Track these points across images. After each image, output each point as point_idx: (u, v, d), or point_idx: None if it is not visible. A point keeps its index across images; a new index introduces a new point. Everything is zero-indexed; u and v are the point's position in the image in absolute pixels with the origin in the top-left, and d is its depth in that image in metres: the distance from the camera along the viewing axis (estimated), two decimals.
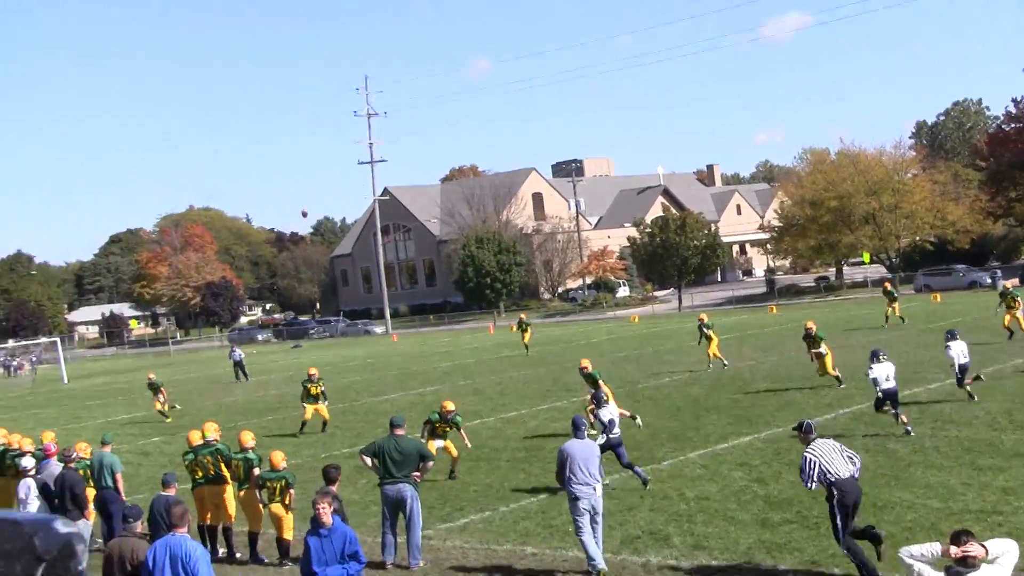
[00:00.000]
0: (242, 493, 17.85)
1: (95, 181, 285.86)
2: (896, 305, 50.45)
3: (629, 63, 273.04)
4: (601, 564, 14.83)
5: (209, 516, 18.43)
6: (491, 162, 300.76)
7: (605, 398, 21.16)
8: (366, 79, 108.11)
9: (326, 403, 32.55)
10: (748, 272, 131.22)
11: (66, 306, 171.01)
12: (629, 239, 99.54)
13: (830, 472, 13.51)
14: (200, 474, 18.34)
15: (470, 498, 20.56)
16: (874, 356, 23.18)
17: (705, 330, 39.77)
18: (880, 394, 23.02)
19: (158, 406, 41.18)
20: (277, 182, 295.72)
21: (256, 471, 17.59)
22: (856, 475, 13.69)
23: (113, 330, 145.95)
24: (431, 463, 17.45)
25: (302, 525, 15.31)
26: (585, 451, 15.35)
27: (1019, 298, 39.15)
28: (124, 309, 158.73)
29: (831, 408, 26.94)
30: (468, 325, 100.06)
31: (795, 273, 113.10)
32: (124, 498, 19.23)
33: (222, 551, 18.15)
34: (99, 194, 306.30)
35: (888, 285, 53.04)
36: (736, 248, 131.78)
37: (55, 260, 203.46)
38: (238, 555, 18.05)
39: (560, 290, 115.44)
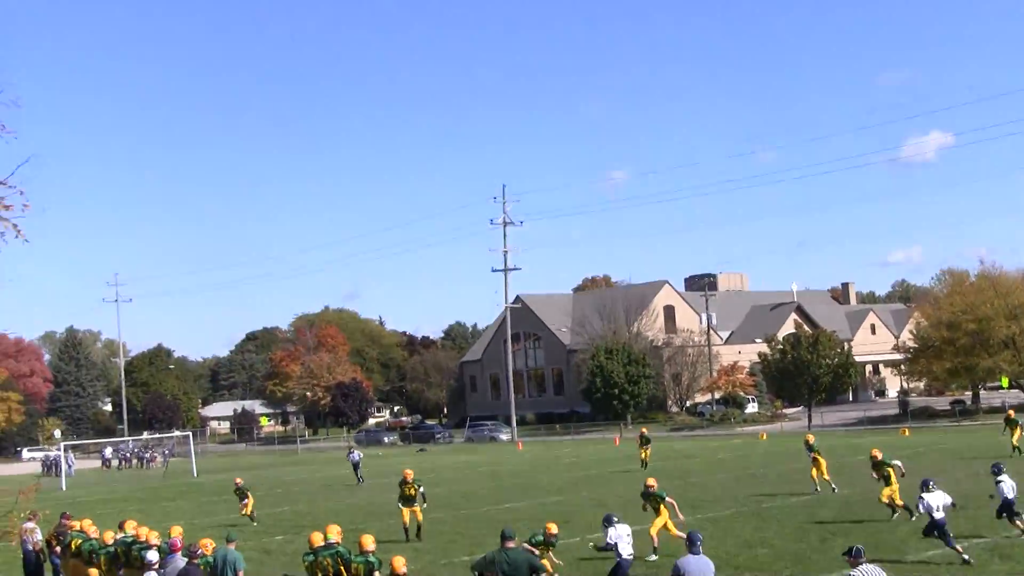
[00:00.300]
0: None
1: (235, 280, 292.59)
2: (1018, 432, 48.94)
3: (767, 179, 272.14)
4: None
5: None
6: (624, 273, 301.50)
7: (616, 519, 21.71)
8: (503, 188, 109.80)
9: (424, 506, 32.35)
10: (881, 392, 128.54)
11: (200, 401, 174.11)
12: (760, 355, 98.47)
13: None
14: (320, 575, 18.27)
15: None
16: (924, 485, 23.77)
17: (811, 453, 38.80)
18: (931, 520, 23.34)
19: (245, 511, 41.03)
20: (411, 286, 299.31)
21: (377, 574, 17.48)
22: None
23: (244, 426, 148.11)
24: (543, 575, 17.22)
25: None
26: (701, 567, 15.36)
27: None
28: (256, 406, 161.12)
29: (962, 535, 25.99)
30: (594, 435, 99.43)
31: (930, 395, 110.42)
32: None
33: None
34: (238, 293, 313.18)
35: (1012, 413, 51.66)
36: (869, 368, 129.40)
37: (193, 355, 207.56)
38: None
39: (688, 404, 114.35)
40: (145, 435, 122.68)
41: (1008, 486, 25.10)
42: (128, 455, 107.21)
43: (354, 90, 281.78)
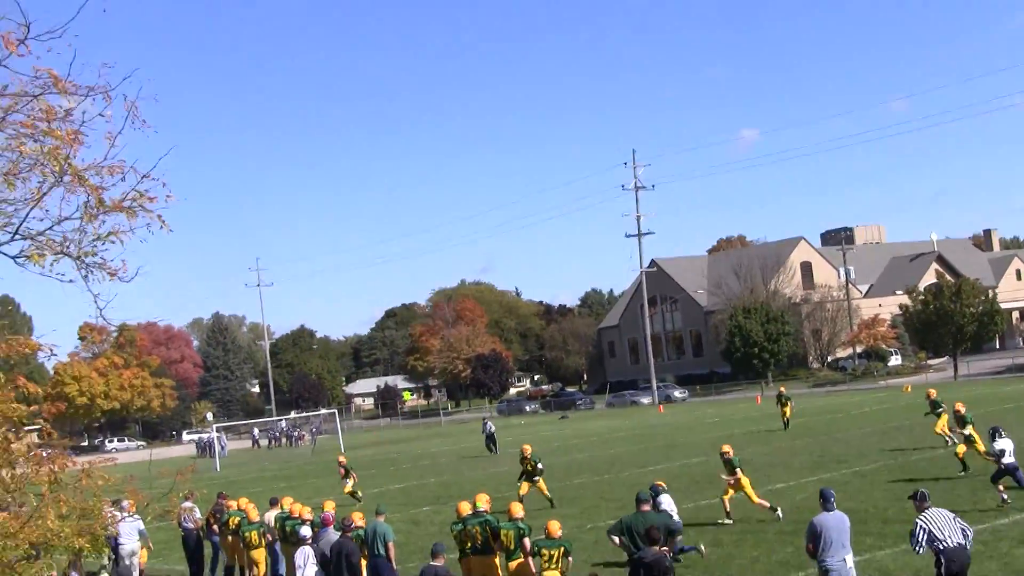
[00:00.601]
0: (512, 564, 17.97)
1: (374, 258, 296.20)
2: None
3: (901, 128, 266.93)
4: None
5: None
6: (759, 232, 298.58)
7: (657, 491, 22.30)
8: (633, 153, 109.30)
9: (542, 478, 32.55)
10: None
11: (344, 379, 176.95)
12: (901, 307, 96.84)
13: (939, 539, 14.35)
14: (469, 544, 18.61)
15: (736, 572, 20.26)
16: (995, 432, 25.31)
17: (937, 409, 37.67)
18: (1001, 467, 24.67)
19: (348, 489, 41.06)
20: (546, 255, 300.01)
21: (527, 540, 17.76)
22: (965, 545, 14.45)
23: (387, 401, 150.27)
24: (680, 536, 17.38)
25: None
26: (838, 523, 15.33)
27: None
28: (398, 381, 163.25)
29: None
30: (735, 395, 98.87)
31: None
32: (395, 567, 19.72)
33: None
34: (377, 271, 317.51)
35: None
36: (1016, 315, 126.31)
37: (335, 335, 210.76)
38: None
39: (829, 359, 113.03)
40: (292, 414, 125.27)
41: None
42: (278, 434, 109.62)
43: (480, 63, 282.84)
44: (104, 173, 10.72)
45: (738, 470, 26.03)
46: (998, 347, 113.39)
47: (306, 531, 20.20)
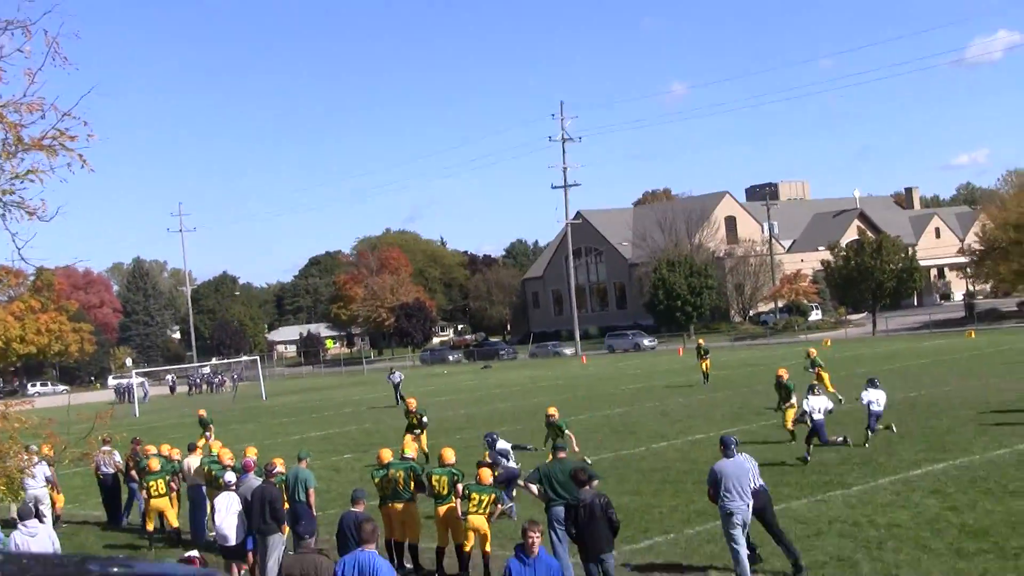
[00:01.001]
0: (441, 509, 18.03)
1: (298, 205, 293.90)
2: None
3: (827, 86, 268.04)
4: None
5: (396, 532, 18.69)
6: (685, 185, 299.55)
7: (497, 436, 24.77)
8: (561, 105, 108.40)
9: (424, 432, 32.73)
10: (946, 296, 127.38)
11: (266, 326, 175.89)
12: (823, 262, 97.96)
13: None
14: (390, 490, 18.63)
15: (655, 520, 20.44)
16: (871, 383, 28.32)
17: (814, 368, 38.65)
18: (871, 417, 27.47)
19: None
20: (472, 206, 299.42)
21: (460, 485, 17.84)
22: (747, 500, 15.50)
23: (310, 349, 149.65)
24: (596, 481, 17.53)
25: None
26: (737, 469, 15.90)
27: None
28: (321, 329, 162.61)
29: None
30: (658, 348, 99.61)
31: (996, 297, 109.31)
32: (315, 513, 19.69)
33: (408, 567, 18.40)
34: (302, 219, 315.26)
35: None
36: (934, 272, 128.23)
37: (258, 282, 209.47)
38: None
39: (751, 313, 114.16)
40: (214, 361, 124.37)
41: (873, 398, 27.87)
42: (198, 380, 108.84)
43: (411, 9, 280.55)
44: (23, 110, 10.48)
45: (567, 431, 26.08)
46: (916, 304, 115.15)
47: (230, 477, 20.06)
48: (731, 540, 15.71)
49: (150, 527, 23.41)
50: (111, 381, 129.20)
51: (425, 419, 33.17)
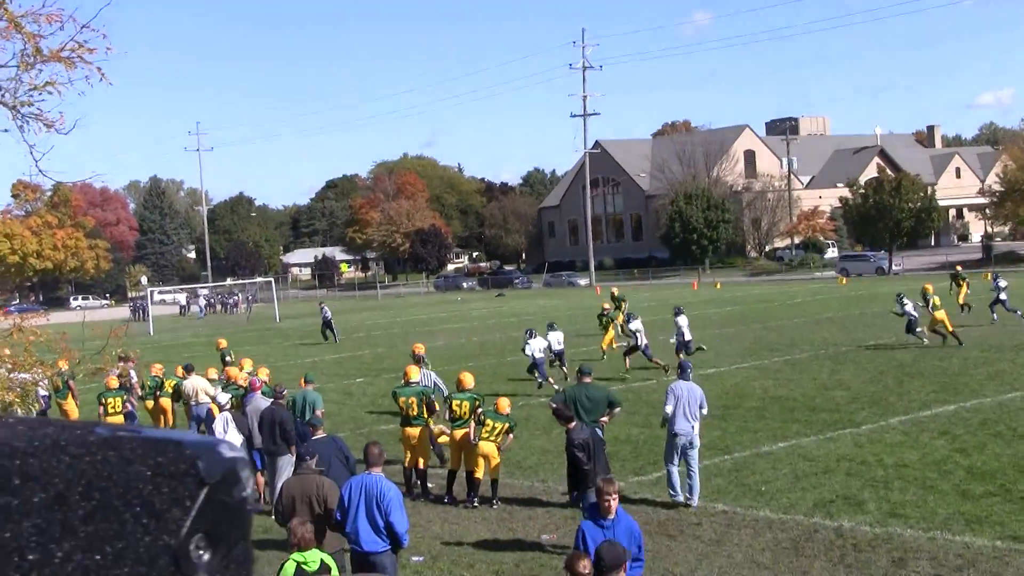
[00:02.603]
0: (458, 433, 18.13)
1: (314, 128, 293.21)
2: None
3: (851, 20, 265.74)
4: (681, 497, 16.54)
5: (408, 456, 18.81)
6: (704, 118, 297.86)
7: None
8: (583, 32, 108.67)
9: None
10: (964, 237, 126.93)
11: (282, 248, 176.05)
12: (841, 199, 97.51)
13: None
14: (404, 412, 18.76)
15: (663, 453, 20.48)
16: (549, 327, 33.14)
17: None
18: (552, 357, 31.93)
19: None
20: (490, 132, 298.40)
21: (480, 410, 17.97)
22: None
23: (324, 273, 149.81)
24: (618, 408, 17.77)
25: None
26: (691, 392, 16.80)
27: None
28: (336, 253, 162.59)
29: None
30: (672, 280, 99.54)
31: (1015, 240, 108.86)
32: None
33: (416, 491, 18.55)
34: (318, 141, 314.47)
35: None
36: (953, 212, 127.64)
37: (274, 203, 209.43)
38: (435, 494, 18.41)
39: (767, 249, 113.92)
40: (229, 281, 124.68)
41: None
42: (212, 300, 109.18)
43: None
44: (42, 21, 10.40)
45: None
46: (933, 244, 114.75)
47: (223, 398, 20.15)
48: (668, 460, 16.80)
49: None
50: (157, 295, 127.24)
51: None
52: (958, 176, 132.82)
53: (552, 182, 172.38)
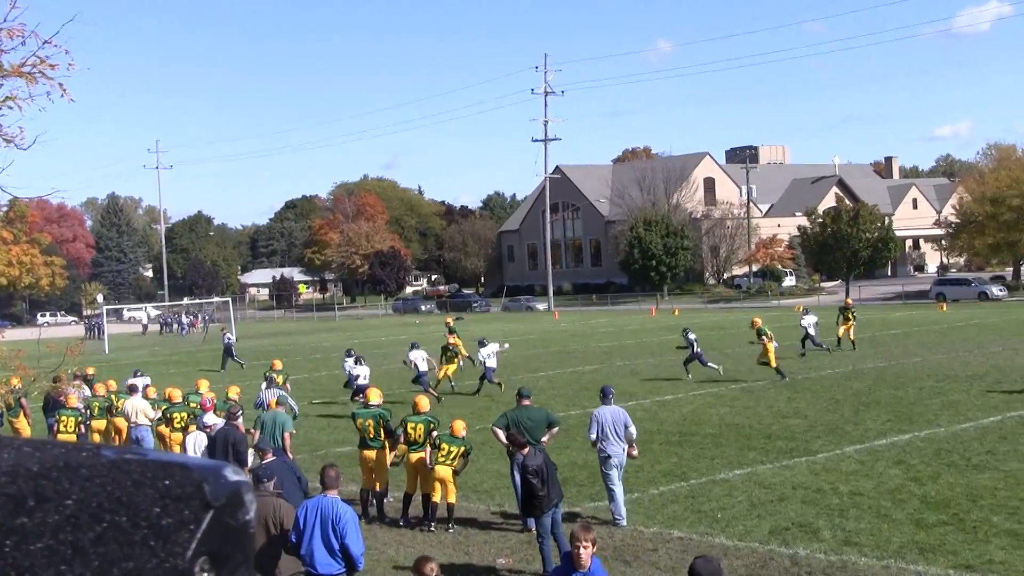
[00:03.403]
0: (414, 457, 18.07)
1: (274, 148, 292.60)
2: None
3: (811, 50, 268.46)
4: (622, 518, 16.96)
5: (366, 479, 18.78)
6: (664, 145, 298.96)
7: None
8: (545, 57, 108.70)
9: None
10: (920, 268, 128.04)
11: (240, 268, 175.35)
12: (800, 228, 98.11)
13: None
14: (361, 437, 18.80)
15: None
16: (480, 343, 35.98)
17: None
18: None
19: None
20: (451, 155, 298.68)
21: (435, 433, 17.92)
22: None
23: (282, 293, 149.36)
24: (557, 428, 17.91)
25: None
26: (615, 415, 17.41)
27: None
28: (294, 273, 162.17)
29: (997, 410, 26.16)
30: (631, 307, 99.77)
31: (969, 271, 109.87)
32: (291, 456, 19.68)
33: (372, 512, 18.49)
34: (277, 161, 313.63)
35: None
36: (909, 243, 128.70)
37: (233, 223, 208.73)
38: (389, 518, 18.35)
39: (726, 276, 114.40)
40: (186, 301, 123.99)
41: None
42: (169, 320, 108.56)
43: None
44: (3, 35, 10.35)
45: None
46: (890, 274, 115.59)
47: (210, 419, 20.06)
48: (607, 480, 17.12)
49: None
50: (127, 313, 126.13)
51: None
52: (915, 207, 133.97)
53: (512, 206, 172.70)
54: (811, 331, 41.95)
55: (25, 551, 1.26)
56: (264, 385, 26.87)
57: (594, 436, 17.21)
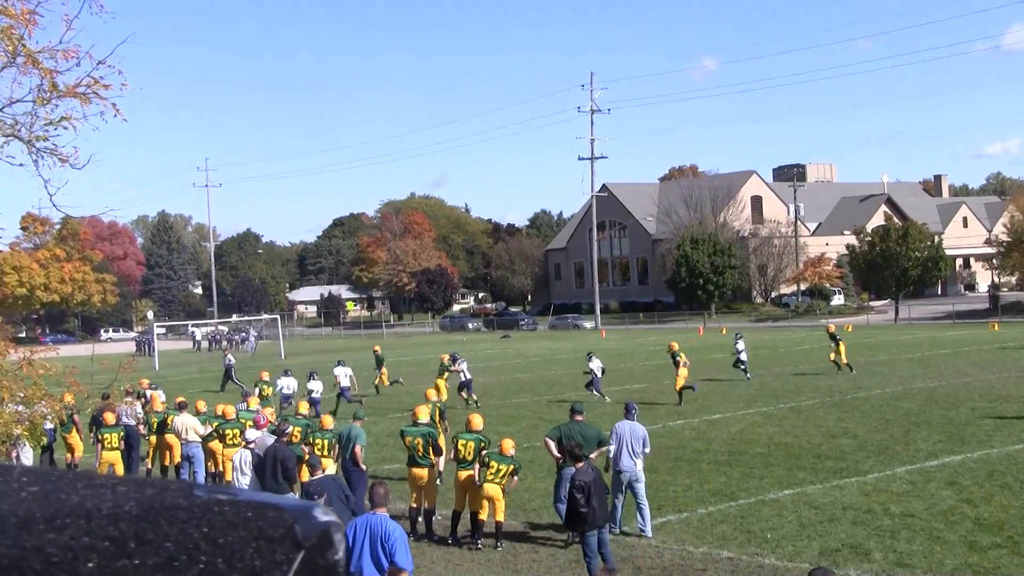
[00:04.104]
0: (462, 475, 18.09)
1: (322, 166, 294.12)
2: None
3: (861, 68, 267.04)
4: (618, 529, 17.23)
5: (414, 497, 18.81)
6: (711, 163, 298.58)
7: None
8: (591, 76, 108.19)
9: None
10: (971, 287, 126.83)
11: (288, 285, 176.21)
12: (848, 247, 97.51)
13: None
14: (410, 454, 18.86)
15: (668, 498, 20.42)
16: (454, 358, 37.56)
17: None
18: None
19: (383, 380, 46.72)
20: (498, 173, 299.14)
21: (485, 452, 17.92)
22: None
23: (330, 311, 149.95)
24: (606, 448, 17.90)
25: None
26: (634, 431, 17.78)
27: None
28: (342, 291, 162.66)
29: None
30: (677, 325, 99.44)
31: (1021, 290, 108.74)
32: (364, 468, 19.92)
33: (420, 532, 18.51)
34: (325, 179, 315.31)
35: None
36: (960, 262, 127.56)
37: (281, 240, 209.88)
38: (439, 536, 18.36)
39: (773, 295, 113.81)
40: (234, 318, 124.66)
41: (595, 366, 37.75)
42: (218, 337, 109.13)
43: None
44: (59, 56, 10.48)
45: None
46: (940, 293, 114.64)
47: (251, 434, 20.23)
48: (614, 493, 17.37)
49: None
50: (191, 329, 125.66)
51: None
52: (965, 225, 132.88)
53: (559, 224, 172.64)
54: (743, 356, 42.44)
55: None
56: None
57: (614, 449, 17.68)
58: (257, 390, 32.83)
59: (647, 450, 18.00)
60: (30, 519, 1.11)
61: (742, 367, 42.45)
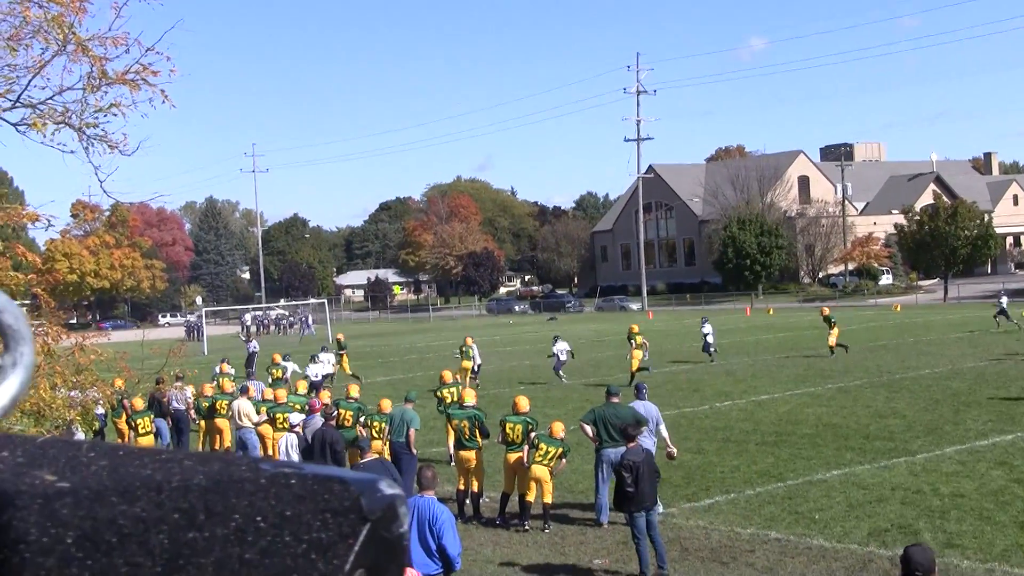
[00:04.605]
0: (511, 457, 18.18)
1: (368, 150, 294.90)
2: None
3: (907, 45, 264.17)
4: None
5: (462, 479, 18.91)
6: (758, 143, 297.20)
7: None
8: (637, 57, 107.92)
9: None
10: (1021, 265, 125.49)
11: (335, 269, 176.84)
12: (896, 226, 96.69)
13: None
14: (457, 436, 19.03)
15: (716, 479, 20.42)
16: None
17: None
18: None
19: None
20: (544, 156, 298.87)
21: (532, 434, 17.99)
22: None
23: (377, 295, 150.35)
24: (644, 428, 17.84)
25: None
26: (646, 410, 18.00)
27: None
28: (389, 275, 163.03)
29: None
30: (725, 306, 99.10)
31: None
32: (415, 452, 20.09)
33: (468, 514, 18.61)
34: (373, 163, 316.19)
35: None
36: (1010, 240, 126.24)
37: (328, 225, 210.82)
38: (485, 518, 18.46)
39: (821, 275, 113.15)
40: (282, 302, 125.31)
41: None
42: (266, 321, 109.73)
43: None
44: (108, 44, 10.58)
45: None
46: (990, 271, 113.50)
47: (295, 418, 20.42)
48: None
49: None
50: (246, 317, 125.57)
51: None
52: (1015, 203, 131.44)
53: (605, 206, 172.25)
54: (709, 339, 43.25)
55: (196, 565, 1.28)
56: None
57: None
58: (269, 376, 33.00)
59: (662, 427, 18.43)
60: (102, 491, 1.12)
61: (710, 350, 43.24)
